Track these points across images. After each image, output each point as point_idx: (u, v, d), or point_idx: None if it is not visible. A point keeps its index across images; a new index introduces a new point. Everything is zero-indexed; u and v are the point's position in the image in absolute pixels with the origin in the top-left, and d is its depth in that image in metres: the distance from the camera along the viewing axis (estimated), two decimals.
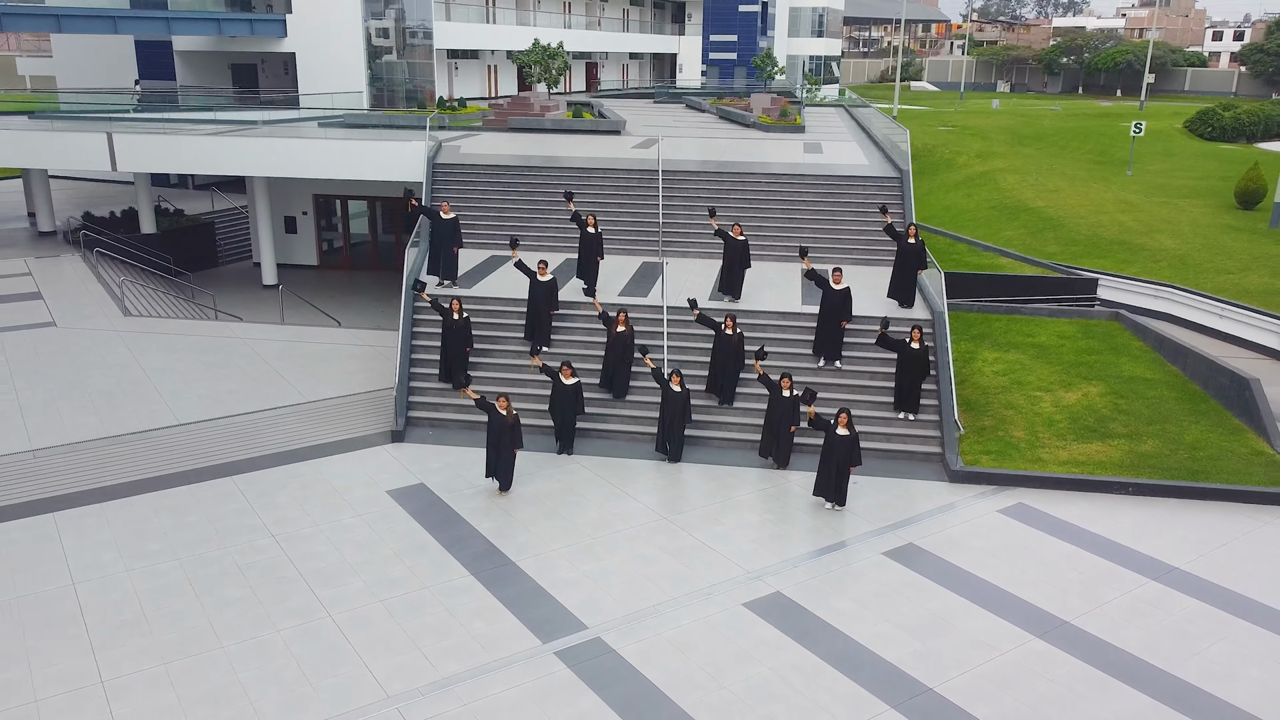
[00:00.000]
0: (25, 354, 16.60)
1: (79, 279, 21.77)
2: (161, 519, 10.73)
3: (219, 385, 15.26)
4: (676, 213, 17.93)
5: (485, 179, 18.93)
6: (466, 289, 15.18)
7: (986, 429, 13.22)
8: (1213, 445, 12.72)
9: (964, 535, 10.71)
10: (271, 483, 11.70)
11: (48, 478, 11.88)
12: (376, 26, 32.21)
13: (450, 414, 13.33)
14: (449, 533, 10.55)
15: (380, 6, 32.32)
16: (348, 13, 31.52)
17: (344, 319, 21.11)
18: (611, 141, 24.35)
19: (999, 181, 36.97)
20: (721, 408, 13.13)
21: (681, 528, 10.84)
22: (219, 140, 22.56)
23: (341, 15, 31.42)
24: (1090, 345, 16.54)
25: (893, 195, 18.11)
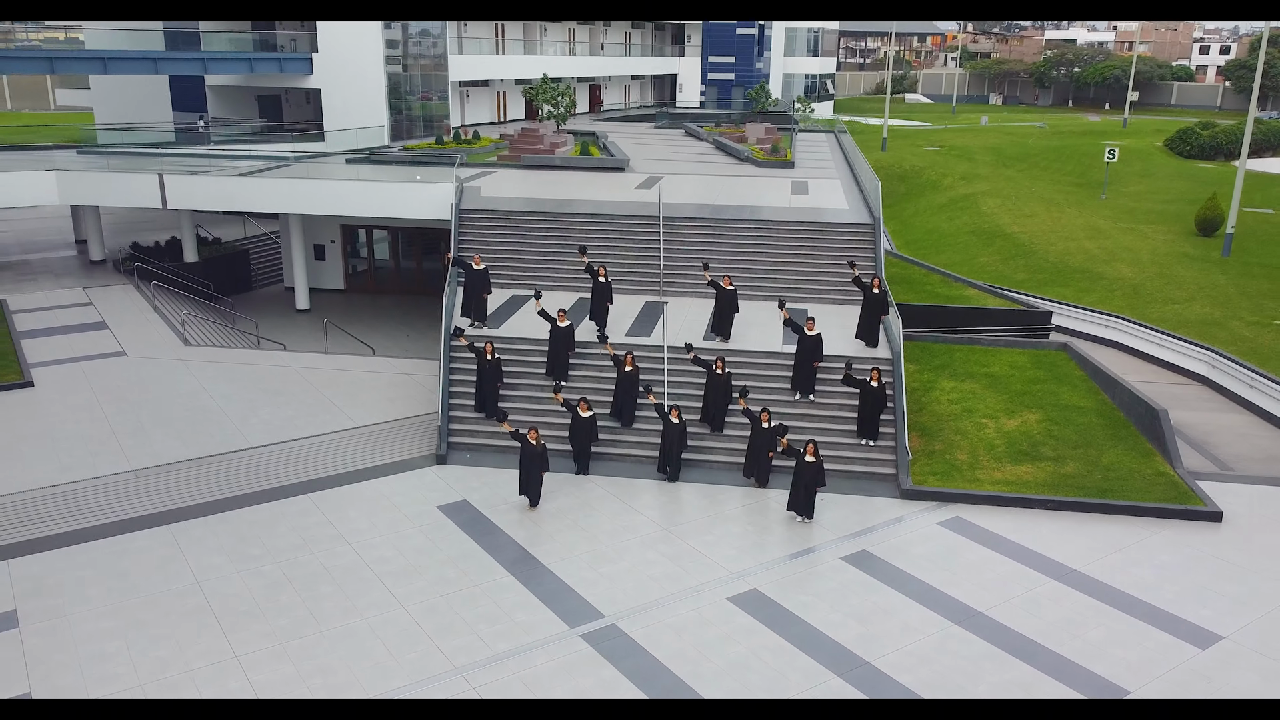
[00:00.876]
0: (106, 383, 19.10)
1: (137, 309, 24.28)
2: (256, 530, 13.25)
3: (280, 411, 17.78)
4: (676, 256, 20.45)
5: (505, 224, 21.44)
6: (494, 329, 17.70)
7: (936, 452, 15.74)
8: (1124, 467, 15.24)
9: (908, 544, 13.23)
10: (340, 499, 14.22)
11: (153, 495, 14.39)
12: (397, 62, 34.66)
13: (485, 439, 15.86)
14: (490, 541, 13.07)
15: (399, 45, 34.77)
16: (370, 51, 33.99)
17: (376, 345, 23.62)
18: (616, 180, 26.86)
19: (980, 205, 39.52)
20: (712, 435, 15.64)
21: (678, 536, 13.35)
22: (260, 181, 25.09)
23: (364, 53, 33.89)
24: (1037, 375, 19.05)
25: (866, 241, 20.61)
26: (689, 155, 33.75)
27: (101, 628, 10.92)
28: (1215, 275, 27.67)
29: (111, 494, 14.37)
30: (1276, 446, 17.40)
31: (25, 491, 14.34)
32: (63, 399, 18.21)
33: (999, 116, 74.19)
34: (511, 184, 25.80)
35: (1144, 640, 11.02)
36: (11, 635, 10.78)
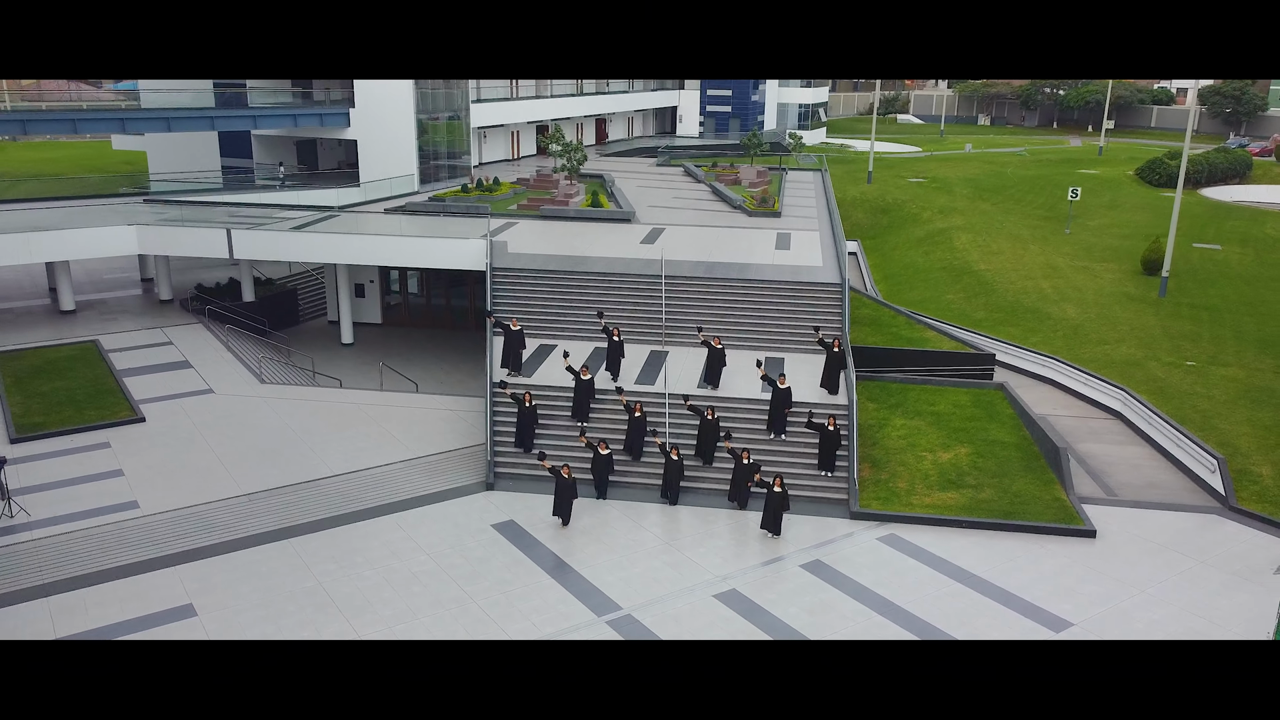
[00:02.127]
0: (203, 418, 23.35)
1: (212, 349, 28.52)
2: (356, 543, 17.50)
3: (351, 444, 22.03)
4: (676, 310, 24.69)
5: (531, 281, 25.68)
6: (528, 377, 21.95)
7: (881, 480, 20.00)
8: (1028, 493, 19.50)
9: (852, 555, 17.49)
10: (415, 519, 18.47)
11: (267, 515, 18.64)
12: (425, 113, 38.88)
13: (523, 470, 20.11)
14: (534, 552, 17.33)
15: (428, 98, 38.98)
16: (401, 104, 38.20)
17: (417, 379, 27.83)
18: (624, 232, 31.09)
19: (953, 241, 43.74)
20: (704, 468, 19.90)
21: (677, 549, 17.60)
22: (312, 236, 29.35)
23: (396, 108, 38.10)
24: (974, 413, 23.32)
25: (835, 298, 24.84)
26: (688, 199, 37.97)
27: (257, 616, 15.18)
28: (1147, 317, 31.90)
29: (236, 514, 18.63)
30: (1160, 476, 21.63)
31: (169, 511, 18.61)
32: (172, 432, 22.46)
33: (984, 140, 78.36)
34: (533, 236, 30.02)
35: (1014, 625, 15.28)
36: (194, 622, 15.03)
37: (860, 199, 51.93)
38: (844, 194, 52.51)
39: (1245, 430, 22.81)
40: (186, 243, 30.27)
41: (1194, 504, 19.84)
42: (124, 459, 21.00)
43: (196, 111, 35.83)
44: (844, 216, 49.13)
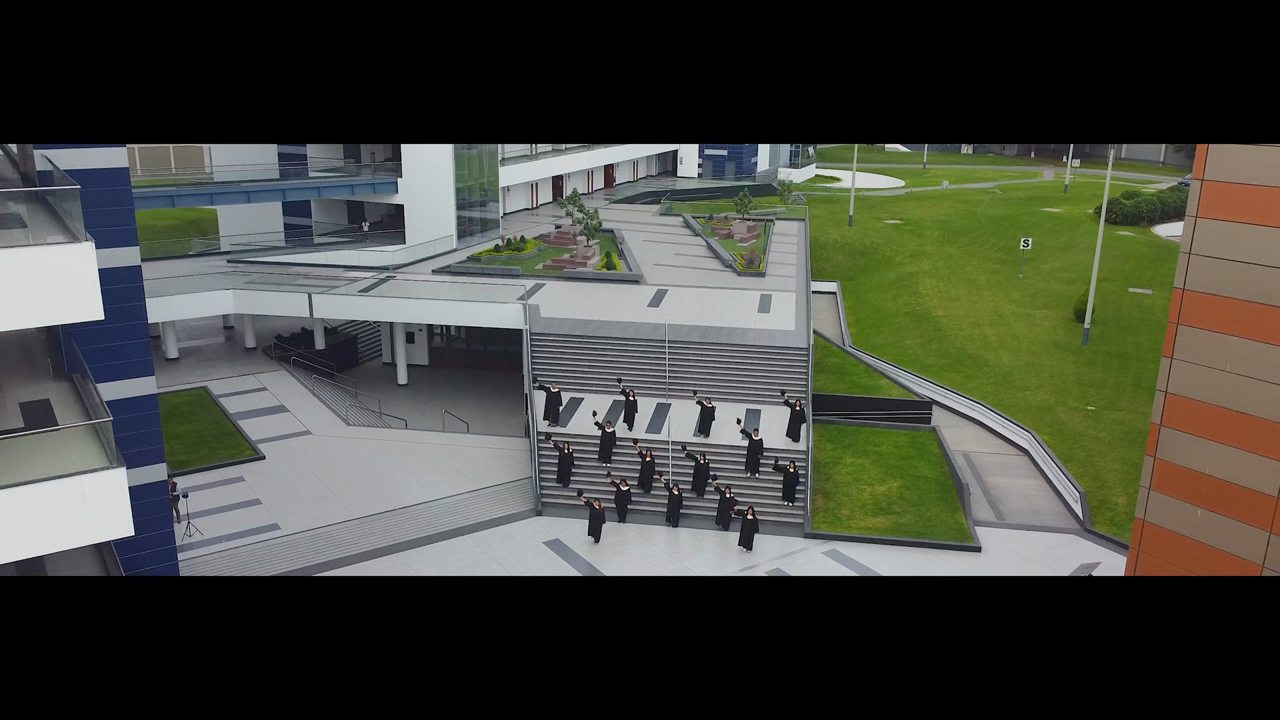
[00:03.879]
0: (308, 455, 30.51)
1: (300, 394, 35.68)
2: (445, 556, 24.66)
3: (427, 476, 29.18)
4: (677, 366, 31.82)
5: (562, 345, 32.82)
6: (564, 428, 29.12)
7: (830, 508, 27.18)
8: (938, 519, 26.68)
9: (804, 565, 24.65)
10: (485, 539, 25.64)
11: (376, 535, 25.79)
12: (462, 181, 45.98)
13: (564, 501, 27.28)
14: (574, 562, 24.49)
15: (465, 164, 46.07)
16: (443, 174, 45.25)
17: (466, 418, 34.92)
18: (633, 294, 38.16)
19: (919, 286, 50.85)
20: (698, 500, 27.06)
21: (676, 559, 24.77)
22: (378, 300, 36.53)
23: (438, 175, 45.17)
24: (909, 453, 30.50)
25: (802, 361, 31.95)
26: (687, 256, 45.11)
27: None
28: (1067, 365, 39.04)
29: (353, 534, 25.82)
30: (1043, 504, 28.78)
31: (304, 531, 25.78)
32: (289, 468, 29.63)
33: (962, 173, 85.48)
34: (560, 297, 37.08)
35: None
36: None
37: (841, 242, 59.06)
38: (827, 236, 59.72)
39: (1116, 466, 30.01)
40: (274, 304, 37.42)
41: (1061, 526, 27.04)
42: (258, 490, 28.17)
43: (270, 184, 43.04)
44: (825, 259, 56.43)
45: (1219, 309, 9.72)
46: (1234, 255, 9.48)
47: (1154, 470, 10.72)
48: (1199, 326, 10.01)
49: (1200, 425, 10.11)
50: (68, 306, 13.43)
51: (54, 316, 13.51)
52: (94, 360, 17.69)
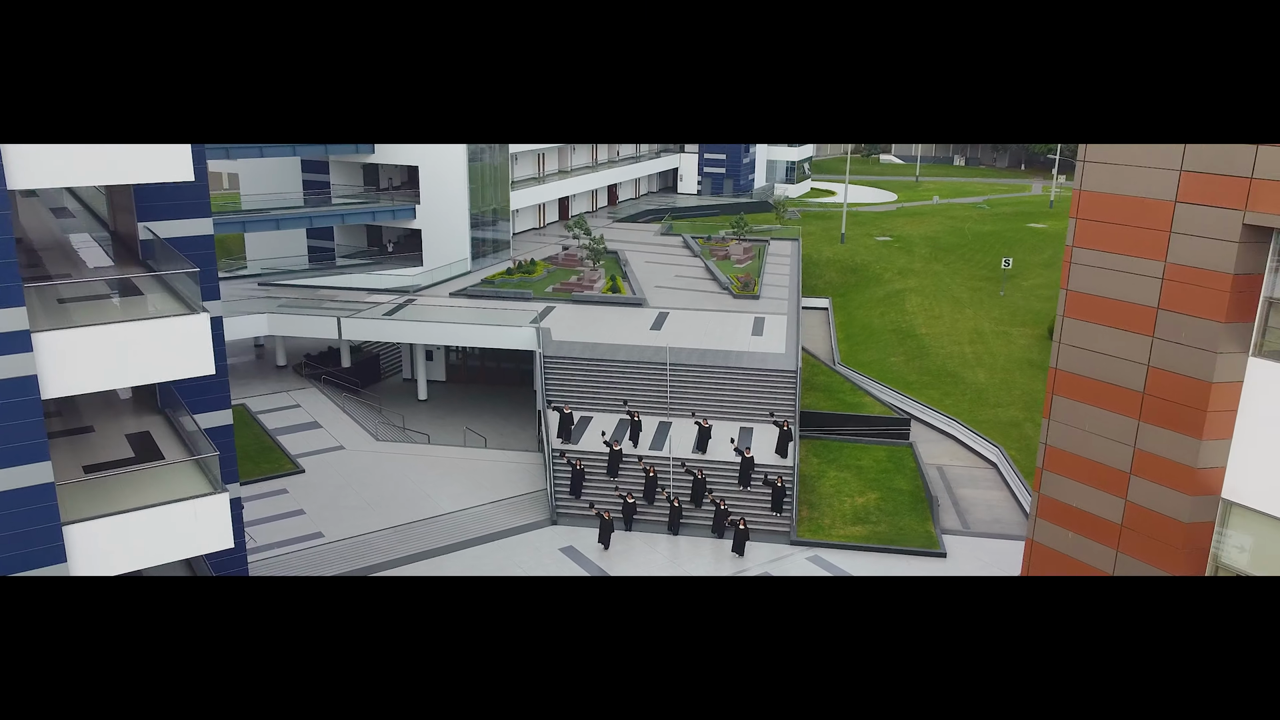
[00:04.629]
0: (343, 469, 33.94)
1: (332, 410, 39.11)
2: (474, 561, 28.09)
3: (452, 488, 32.62)
4: (677, 387, 35.26)
5: (572, 368, 36.25)
6: (575, 444, 32.55)
7: (814, 518, 30.62)
8: (910, 528, 30.12)
9: (789, 569, 28.10)
10: (509, 545, 29.07)
11: (411, 542, 29.23)
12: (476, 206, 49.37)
13: (576, 511, 30.73)
14: (586, 565, 27.94)
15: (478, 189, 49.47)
16: (457, 199, 48.66)
17: (483, 432, 38.31)
18: (637, 317, 41.58)
19: (905, 303, 54.25)
20: (696, 511, 30.51)
21: (676, 564, 28.21)
22: (401, 323, 39.95)
23: (453, 201, 48.56)
24: (887, 467, 33.95)
25: (790, 383, 35.37)
26: (687, 278, 48.53)
27: None
28: (1037, 383, 42.46)
29: (390, 540, 29.26)
30: (1006, 514, 32.21)
31: (346, 539, 29.21)
32: (326, 481, 33.06)
33: (953, 186, 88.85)
34: (569, 320, 40.48)
35: None
36: None
37: (833, 259, 62.47)
38: (820, 254, 63.12)
39: None
40: (305, 326, 40.83)
41: (1019, 534, 30.49)
42: (300, 501, 31.61)
43: (298, 211, 46.54)
44: (818, 276, 59.84)
45: (1079, 385, 13.19)
46: (1090, 347, 12.95)
47: (1038, 502, 14.17)
48: (1066, 396, 13.48)
49: (1068, 469, 13.55)
50: (189, 364, 16.89)
51: (179, 373, 16.95)
52: (186, 396, 21.11)
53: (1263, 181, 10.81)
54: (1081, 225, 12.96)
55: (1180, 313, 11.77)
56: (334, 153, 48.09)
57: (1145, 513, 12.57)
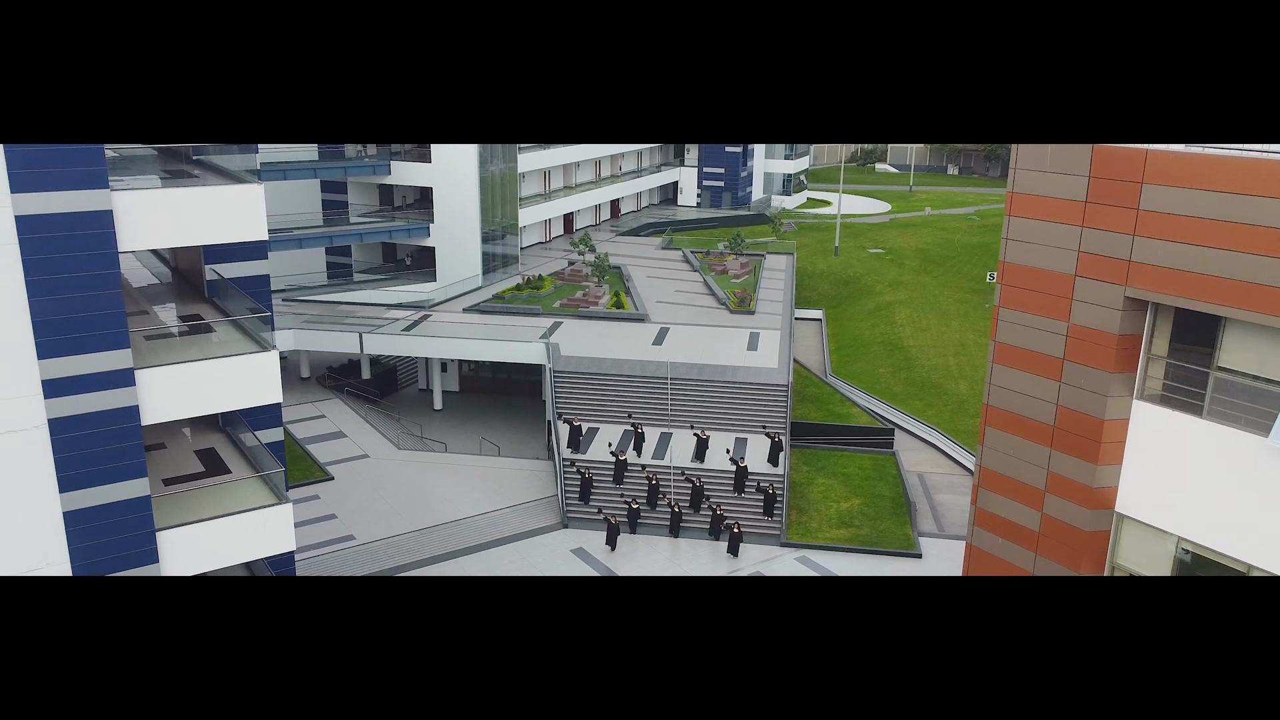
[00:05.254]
0: (369, 476, 36.94)
1: (355, 421, 42.12)
2: (493, 562, 31.10)
3: (470, 494, 35.62)
4: (678, 399, 38.25)
5: (580, 382, 39.25)
6: (584, 454, 35.56)
7: (802, 522, 33.63)
8: (890, 531, 33.12)
9: (779, 568, 31.12)
10: (524, 548, 32.08)
11: (435, 544, 32.23)
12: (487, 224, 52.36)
13: (585, 515, 33.75)
14: (595, 564, 30.96)
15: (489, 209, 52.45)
16: (469, 219, 51.65)
17: (496, 441, 41.29)
18: (639, 331, 44.56)
19: (895, 316, 57.22)
20: (695, 515, 33.52)
21: (676, 564, 31.23)
22: (419, 338, 42.95)
23: (465, 220, 51.55)
24: (871, 474, 36.96)
25: (782, 396, 38.37)
26: (686, 293, 51.52)
27: None
28: None
29: (416, 542, 32.27)
30: None
31: (376, 541, 32.23)
32: (355, 488, 36.07)
33: (944, 197, 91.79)
34: (576, 335, 43.47)
35: None
36: None
37: (827, 271, 65.47)
38: (814, 266, 66.13)
39: None
40: (329, 341, 43.82)
41: None
42: (331, 507, 34.61)
43: (320, 230, 49.54)
44: (812, 288, 62.83)
45: (1005, 419, 16.19)
46: (1013, 389, 15.96)
47: (975, 514, 17.17)
48: (996, 428, 16.48)
49: (997, 487, 16.53)
50: (261, 394, 19.90)
51: (251, 402, 19.95)
52: (245, 415, 24.09)
53: (1138, 264, 13.78)
54: (1005, 290, 15.95)
55: (1079, 363, 14.75)
56: (352, 174, 51.13)
57: (1056, 523, 15.55)
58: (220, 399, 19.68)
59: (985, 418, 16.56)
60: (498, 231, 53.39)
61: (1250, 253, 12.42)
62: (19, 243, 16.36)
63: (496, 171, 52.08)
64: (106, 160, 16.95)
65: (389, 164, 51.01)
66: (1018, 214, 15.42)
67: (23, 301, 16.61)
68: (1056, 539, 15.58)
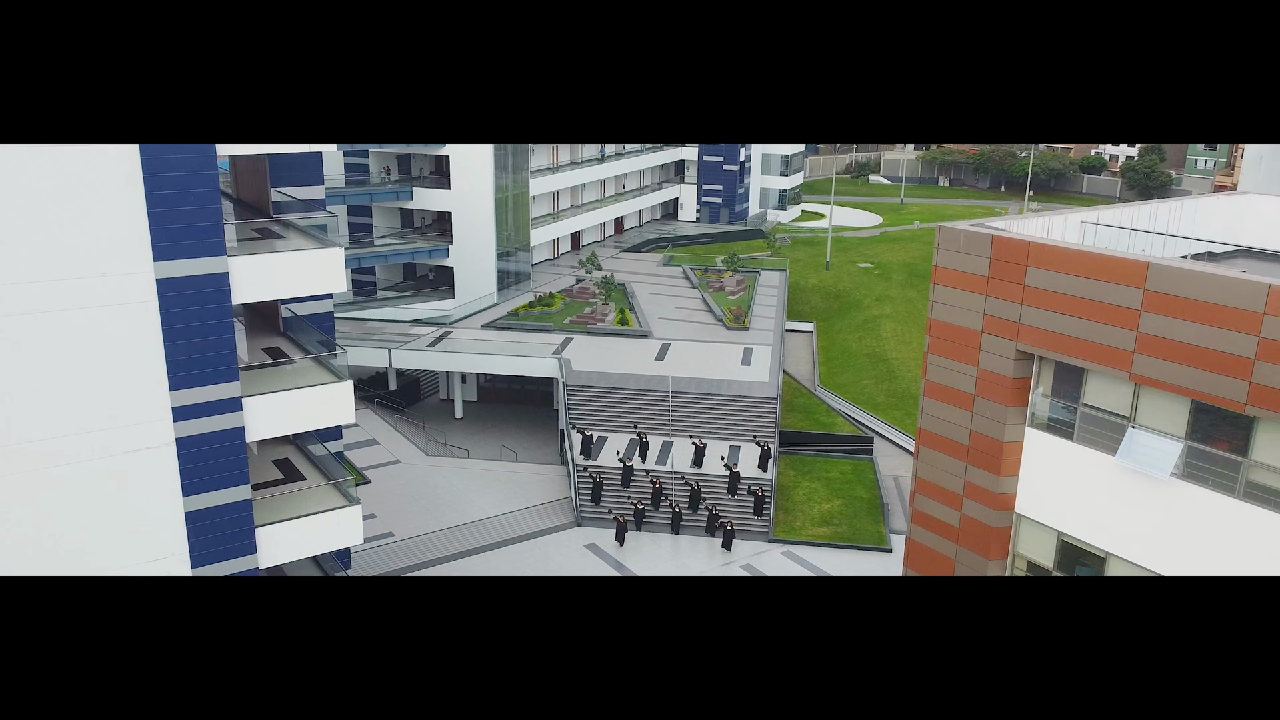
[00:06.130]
0: (403, 480, 41.61)
1: (385, 429, 46.78)
2: (517, 557, 35.77)
3: (494, 496, 40.29)
4: (678, 411, 42.90)
5: (592, 396, 43.91)
6: (595, 460, 40.23)
7: (788, 520, 38.30)
8: (865, 529, 37.80)
9: (764, 561, 35.79)
10: (542, 544, 36.75)
11: (463, 540, 36.91)
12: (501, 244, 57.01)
13: (596, 515, 38.43)
14: (607, 559, 35.64)
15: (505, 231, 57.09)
16: (485, 241, 56.33)
17: (515, 448, 45.92)
18: (643, 347, 49.22)
19: (880, 329, 61.88)
20: (693, 515, 38.19)
21: (677, 558, 35.90)
22: (443, 354, 47.63)
23: (481, 242, 56.23)
24: (851, 478, 41.63)
25: (772, 408, 43.01)
26: (686, 310, 56.19)
27: None
28: None
29: (447, 539, 36.95)
30: None
31: (413, 537, 36.89)
32: (390, 491, 40.73)
33: (934, 210, 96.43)
34: (585, 350, 48.10)
35: None
36: None
37: (818, 286, 70.11)
38: (806, 280, 70.76)
39: None
40: (361, 356, 48.44)
41: None
42: (371, 507, 39.26)
43: (349, 253, 54.10)
44: (804, 302, 67.47)
45: (934, 439, 20.85)
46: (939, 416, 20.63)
47: (912, 514, 21.82)
48: (926, 446, 21.15)
49: (928, 492, 21.17)
50: (338, 416, 24.54)
51: (330, 423, 24.61)
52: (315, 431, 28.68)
53: (1025, 326, 18.37)
54: (932, 340, 20.59)
55: (986, 399, 19.39)
56: (377, 199, 55.80)
57: (972, 520, 20.19)
58: (306, 420, 24.37)
59: (919, 439, 21.22)
60: (510, 250, 58.05)
61: (1097, 322, 17.05)
62: (159, 300, 21.00)
63: (510, 196, 56.75)
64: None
65: (411, 190, 55.71)
66: (940, 283, 20.07)
67: (159, 346, 21.26)
68: (972, 533, 20.22)
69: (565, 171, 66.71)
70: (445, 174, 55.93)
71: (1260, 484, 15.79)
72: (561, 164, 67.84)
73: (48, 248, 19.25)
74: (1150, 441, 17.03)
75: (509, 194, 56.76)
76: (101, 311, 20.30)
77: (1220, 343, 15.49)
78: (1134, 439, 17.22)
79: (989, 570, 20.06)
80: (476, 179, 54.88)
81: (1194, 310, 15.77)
